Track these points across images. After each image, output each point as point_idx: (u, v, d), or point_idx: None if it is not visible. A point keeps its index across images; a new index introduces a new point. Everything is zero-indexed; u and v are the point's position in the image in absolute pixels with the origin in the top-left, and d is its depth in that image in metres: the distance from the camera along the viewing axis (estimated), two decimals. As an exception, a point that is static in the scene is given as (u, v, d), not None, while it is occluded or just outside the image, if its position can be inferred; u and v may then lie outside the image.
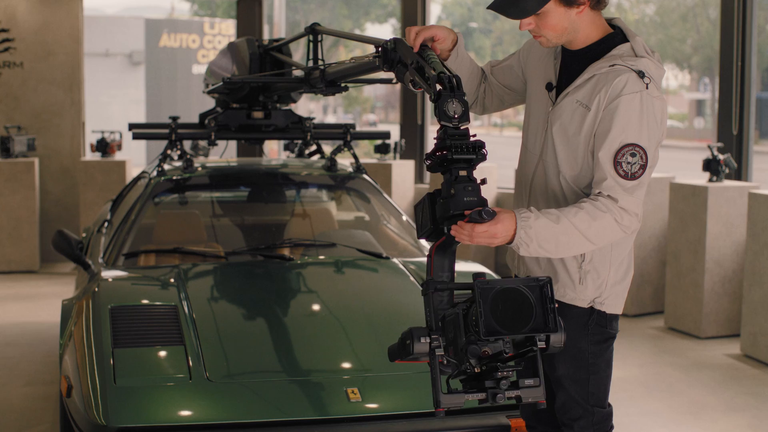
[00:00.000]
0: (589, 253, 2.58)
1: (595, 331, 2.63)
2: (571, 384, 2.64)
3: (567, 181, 2.58)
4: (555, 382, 2.68)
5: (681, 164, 19.57)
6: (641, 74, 2.48)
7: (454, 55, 2.71)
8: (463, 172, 2.23)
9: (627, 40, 2.59)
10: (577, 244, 2.45)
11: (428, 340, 2.10)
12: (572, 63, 2.61)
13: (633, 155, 2.45)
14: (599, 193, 2.48)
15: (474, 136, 2.25)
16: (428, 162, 2.29)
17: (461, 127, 2.24)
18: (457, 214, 2.23)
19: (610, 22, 2.64)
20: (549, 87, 2.64)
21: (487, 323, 2.00)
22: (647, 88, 2.47)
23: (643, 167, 2.46)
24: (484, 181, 2.25)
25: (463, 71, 2.76)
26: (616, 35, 2.59)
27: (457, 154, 2.22)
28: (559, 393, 2.68)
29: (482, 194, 2.25)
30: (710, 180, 6.44)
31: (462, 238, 2.26)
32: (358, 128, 5.51)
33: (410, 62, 2.52)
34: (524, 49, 2.80)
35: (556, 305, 2.09)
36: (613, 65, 2.50)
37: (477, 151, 2.24)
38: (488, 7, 2.52)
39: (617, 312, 2.66)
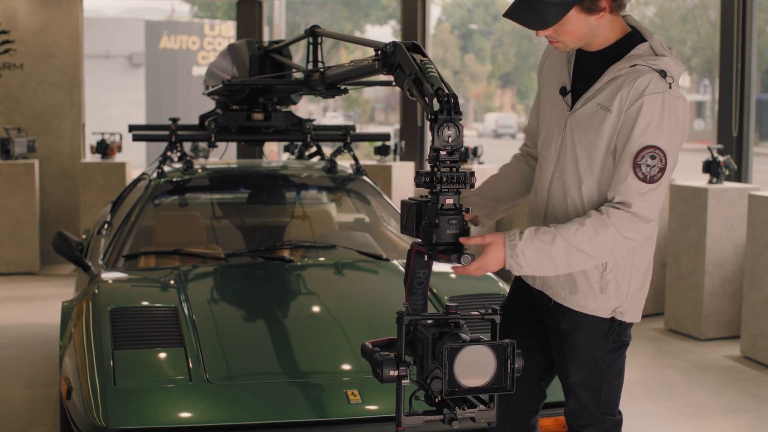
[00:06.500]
0: (610, 262, 2.52)
1: (612, 339, 2.60)
2: (582, 391, 2.61)
3: (588, 187, 2.51)
4: (566, 389, 2.66)
5: (681, 165, 19.56)
6: (663, 74, 2.42)
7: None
8: (449, 201, 2.27)
9: (644, 39, 2.53)
10: (579, 262, 2.43)
11: (396, 373, 2.16)
12: (590, 65, 2.55)
13: (653, 157, 2.39)
14: (613, 199, 2.44)
15: (464, 161, 2.29)
16: (420, 180, 2.31)
17: (454, 152, 2.26)
18: (440, 244, 2.30)
19: (623, 19, 2.58)
20: (563, 91, 2.58)
21: (450, 383, 2.11)
22: (670, 87, 2.42)
23: (662, 170, 2.41)
24: (467, 211, 2.31)
25: (516, 186, 2.82)
26: (634, 35, 2.53)
27: (447, 184, 2.25)
28: (570, 399, 2.65)
29: (465, 225, 2.30)
30: (710, 182, 6.44)
31: (458, 272, 2.36)
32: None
33: (408, 73, 2.50)
34: (540, 69, 2.75)
35: (517, 366, 2.15)
36: (634, 65, 2.44)
37: (465, 181, 2.27)
38: (506, 16, 2.45)
39: (636, 320, 2.63)
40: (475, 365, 2.12)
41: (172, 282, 3.83)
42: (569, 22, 2.43)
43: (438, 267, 2.54)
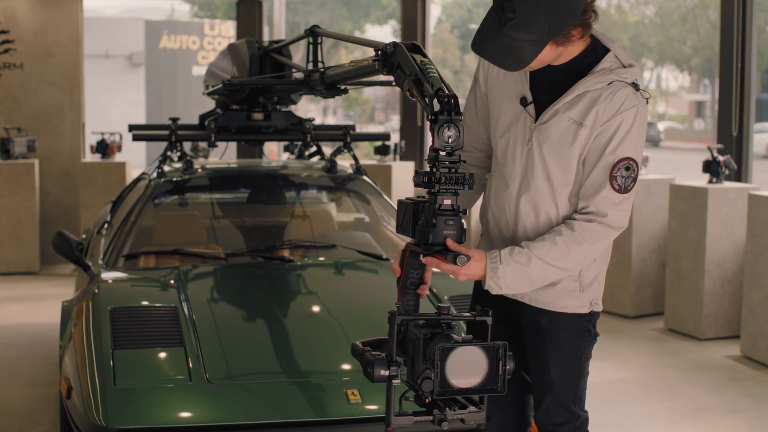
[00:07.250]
0: None
1: (593, 332, 2.66)
2: (561, 387, 2.63)
3: (563, 198, 2.55)
4: (542, 388, 2.66)
5: (681, 165, 19.59)
6: (636, 87, 2.49)
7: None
8: (447, 201, 2.27)
9: (605, 47, 2.55)
10: (552, 276, 2.51)
11: (388, 372, 2.16)
12: (553, 77, 2.55)
13: (627, 168, 2.47)
14: (586, 208, 2.49)
15: (465, 161, 2.29)
16: (419, 180, 2.29)
17: (454, 153, 2.25)
18: (436, 244, 2.30)
19: None
20: (524, 101, 2.58)
21: (442, 383, 2.11)
22: (647, 102, 2.50)
23: (635, 180, 2.49)
24: (464, 212, 2.32)
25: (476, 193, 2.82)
26: (596, 46, 2.55)
27: (445, 185, 2.25)
28: (546, 399, 2.66)
29: (462, 226, 2.30)
30: (710, 181, 6.45)
31: (430, 265, 2.37)
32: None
33: (408, 73, 2.50)
34: (486, 71, 2.71)
35: (508, 368, 2.15)
36: (610, 83, 2.47)
37: (464, 182, 2.26)
38: (478, 53, 2.43)
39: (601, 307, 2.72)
40: (467, 366, 2.12)
41: (172, 282, 3.83)
42: (541, 54, 2.43)
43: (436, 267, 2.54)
